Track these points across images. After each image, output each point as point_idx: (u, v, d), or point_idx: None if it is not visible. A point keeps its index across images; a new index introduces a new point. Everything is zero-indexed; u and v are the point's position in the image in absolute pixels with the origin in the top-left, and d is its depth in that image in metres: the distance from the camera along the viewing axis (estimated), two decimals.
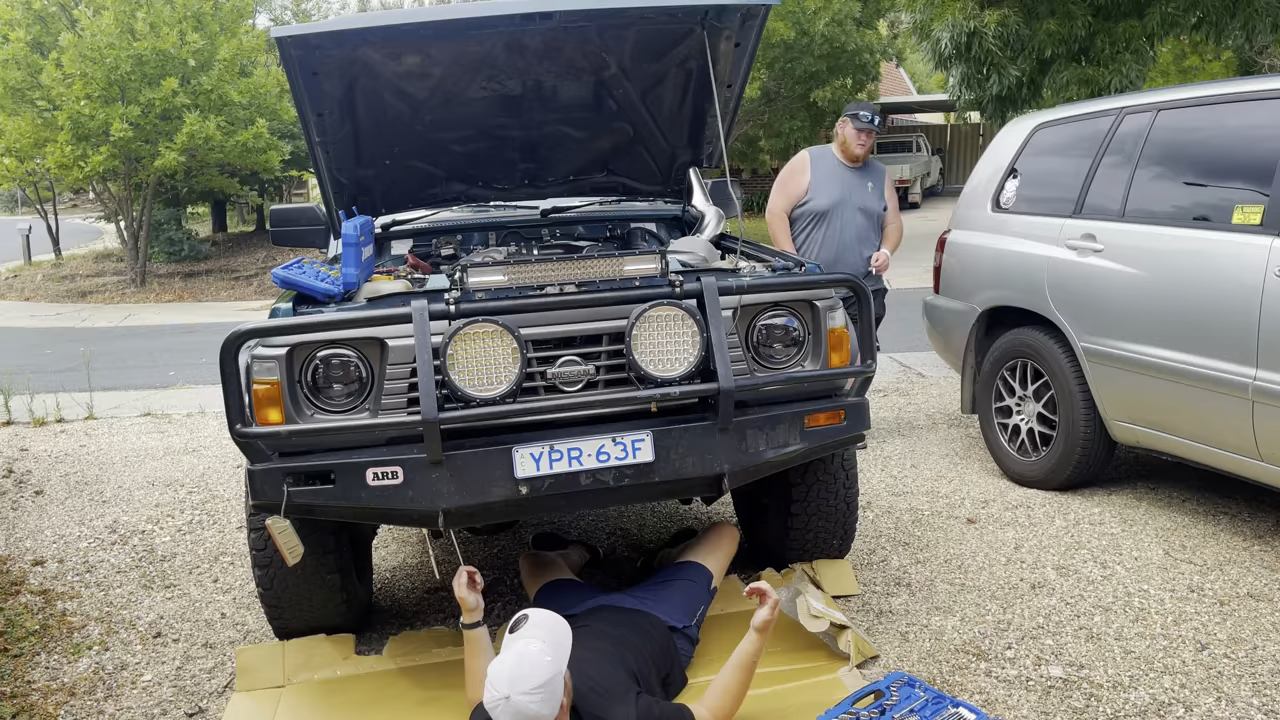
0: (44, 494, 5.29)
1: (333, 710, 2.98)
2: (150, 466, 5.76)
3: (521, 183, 4.19)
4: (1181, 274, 3.96)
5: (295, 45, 3.01)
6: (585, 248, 4.05)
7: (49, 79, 14.82)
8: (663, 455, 2.88)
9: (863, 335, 3.11)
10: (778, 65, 16.28)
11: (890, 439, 5.67)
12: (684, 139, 4.01)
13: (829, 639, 3.13)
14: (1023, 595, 3.57)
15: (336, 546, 3.17)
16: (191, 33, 15.34)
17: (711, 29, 3.39)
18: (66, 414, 7.13)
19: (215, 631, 3.59)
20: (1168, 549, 3.92)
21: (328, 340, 2.79)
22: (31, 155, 16.55)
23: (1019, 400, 4.83)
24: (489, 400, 2.74)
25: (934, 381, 7.19)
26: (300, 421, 2.77)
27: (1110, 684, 2.96)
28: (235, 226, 27.52)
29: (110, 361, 10.01)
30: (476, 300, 2.81)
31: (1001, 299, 4.89)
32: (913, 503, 4.59)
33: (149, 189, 17.43)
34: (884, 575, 3.80)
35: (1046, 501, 4.50)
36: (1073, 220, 4.54)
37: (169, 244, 20.66)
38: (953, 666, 3.10)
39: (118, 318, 14.64)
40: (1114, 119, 4.50)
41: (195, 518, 4.83)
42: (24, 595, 3.93)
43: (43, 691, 3.19)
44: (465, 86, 3.56)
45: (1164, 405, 4.06)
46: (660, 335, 2.85)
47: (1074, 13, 10.01)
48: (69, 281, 18.83)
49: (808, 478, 3.49)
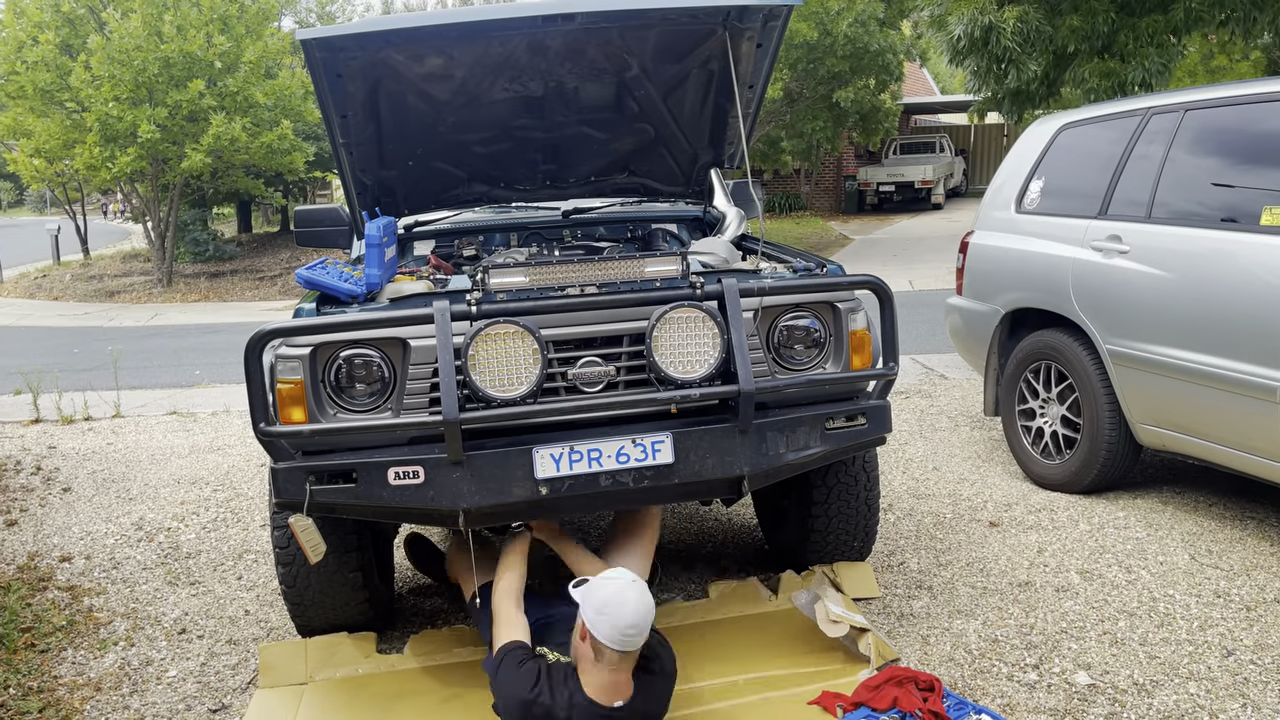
0: (71, 491, 5.36)
1: (354, 708, 3.00)
2: (176, 464, 5.82)
3: (543, 184, 4.20)
4: (1209, 276, 3.91)
5: (320, 47, 3.03)
6: (606, 249, 4.06)
7: (78, 81, 15.01)
8: (682, 457, 2.88)
9: (885, 338, 3.09)
10: (800, 66, 16.21)
11: (912, 441, 5.64)
12: (705, 140, 4.01)
13: (849, 642, 3.12)
14: (1046, 599, 3.54)
15: (359, 545, 3.20)
16: (218, 35, 15.49)
17: (733, 30, 3.38)
18: (94, 412, 7.22)
19: (239, 628, 3.63)
20: (1194, 554, 3.88)
21: (351, 340, 2.81)
22: (60, 156, 16.78)
23: (1042, 403, 4.79)
24: (510, 401, 2.75)
25: (956, 383, 7.14)
26: (323, 420, 2.80)
27: (1134, 689, 2.93)
28: (260, 227, 27.76)
29: (137, 360, 10.13)
30: (498, 301, 2.82)
31: (1025, 301, 4.85)
32: (934, 505, 4.57)
33: (175, 190, 17.62)
34: (905, 578, 3.78)
35: (1070, 505, 4.47)
36: (1098, 221, 4.50)
37: (195, 244, 20.88)
38: (974, 670, 3.08)
39: (144, 317, 14.80)
40: (1141, 119, 4.46)
41: (220, 515, 4.87)
42: (51, 591, 3.98)
43: (69, 686, 3.23)
44: (487, 88, 3.58)
45: (1190, 408, 4.01)
46: (681, 337, 2.85)
47: (1096, 8, 9.92)
48: (97, 281, 19.06)
49: (828, 480, 3.48)
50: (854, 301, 3.11)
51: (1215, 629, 3.27)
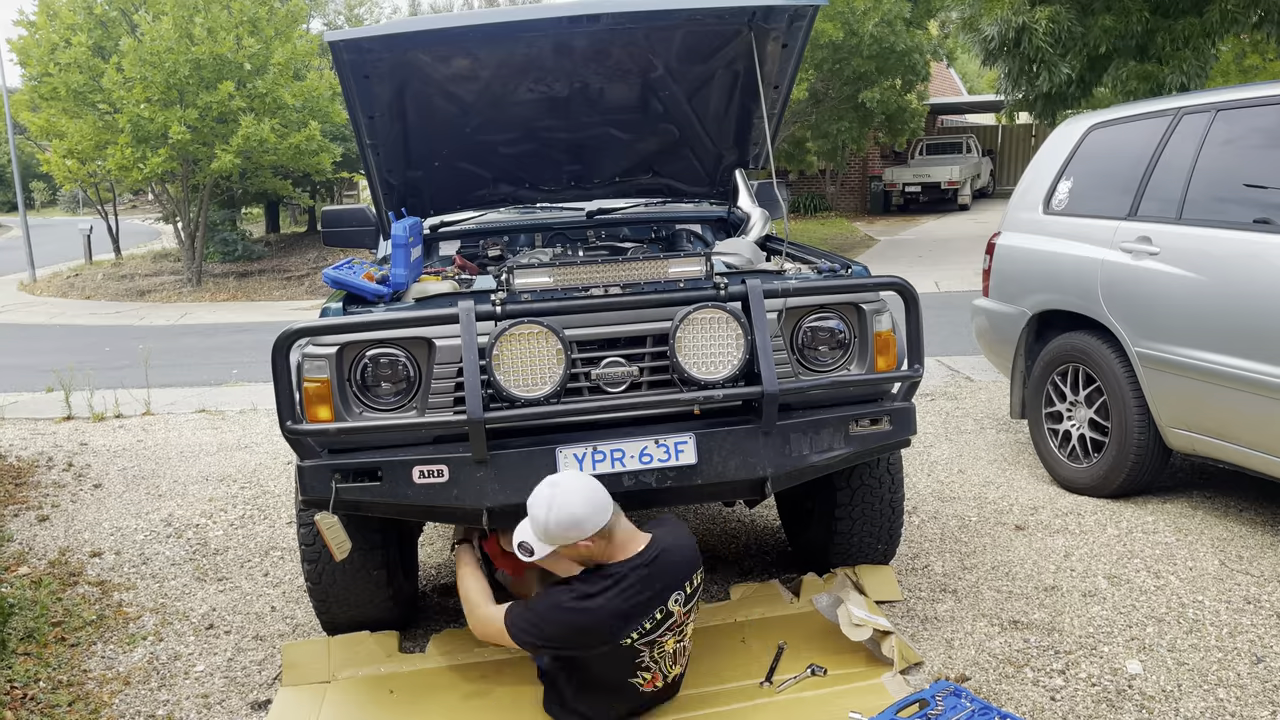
0: (102, 487, 5.43)
1: (377, 706, 3.02)
2: (204, 462, 5.89)
3: (568, 184, 4.22)
4: (1241, 277, 3.86)
5: (348, 49, 3.06)
6: (630, 249, 4.06)
7: (110, 82, 15.23)
8: (705, 458, 2.88)
9: (911, 339, 3.07)
10: (826, 66, 16.14)
11: (937, 443, 5.60)
12: (730, 140, 4.00)
13: (872, 645, 3.10)
14: (1073, 604, 3.50)
15: (383, 543, 3.22)
16: (247, 37, 15.67)
17: (759, 30, 3.38)
18: (125, 409, 7.32)
19: (265, 624, 3.66)
20: (1224, 559, 3.83)
21: (377, 340, 2.83)
22: (93, 157, 17.02)
23: (1070, 405, 4.74)
24: (533, 401, 2.76)
25: (982, 385, 7.09)
26: (349, 419, 2.82)
27: (1162, 695, 2.90)
28: (287, 227, 28.01)
29: (167, 359, 10.25)
30: (522, 302, 2.83)
31: (1052, 303, 4.81)
32: (959, 509, 4.54)
33: (205, 191, 17.82)
34: (929, 581, 3.76)
35: (1098, 509, 4.42)
36: (1127, 222, 4.45)
37: (224, 245, 21.12)
38: (999, 675, 3.05)
39: (174, 316, 14.98)
40: (1171, 119, 4.41)
41: (247, 512, 4.92)
42: (82, 586, 4.04)
43: (98, 680, 3.27)
44: (513, 89, 3.59)
45: (1221, 412, 3.96)
46: (704, 337, 2.85)
47: (1130, 8, 9.83)
48: (128, 281, 19.31)
49: (853, 481, 3.46)
50: (879, 303, 3.09)
51: (1245, 635, 3.23)
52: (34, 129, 17.68)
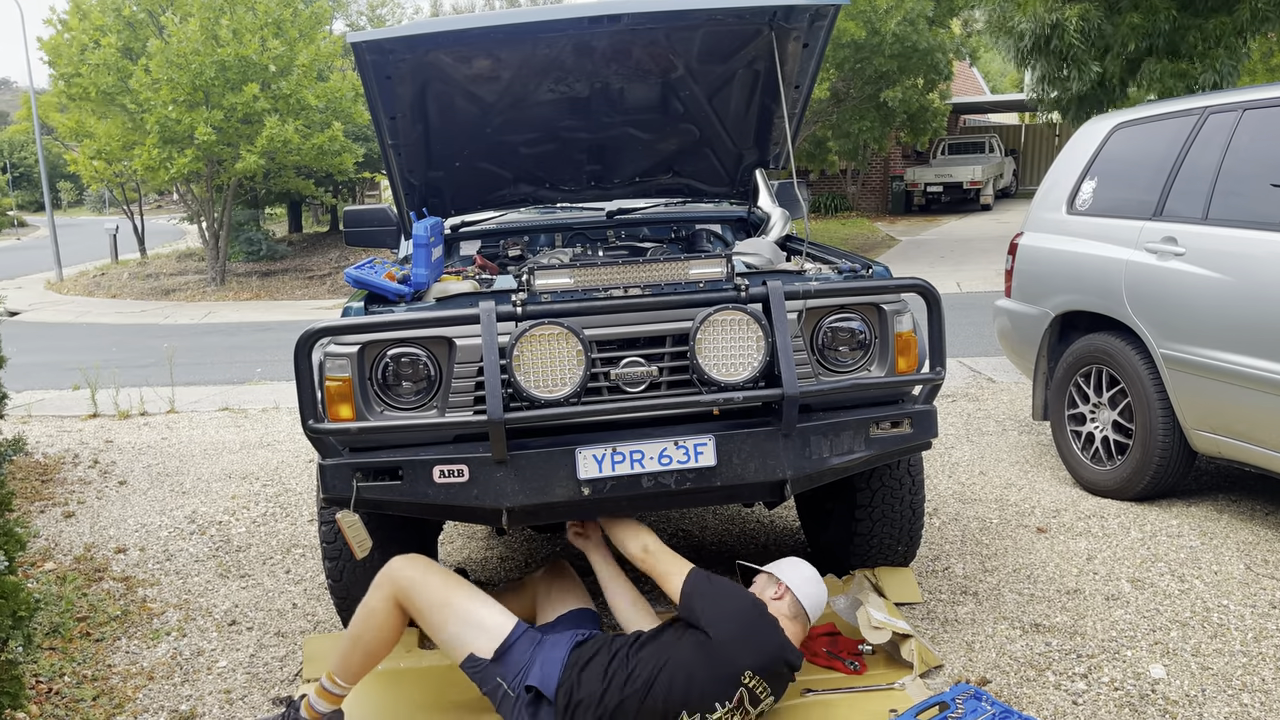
0: (127, 484, 5.49)
1: (396, 701, 3.03)
2: (227, 459, 5.94)
3: (588, 184, 4.22)
4: (1268, 278, 3.81)
5: (370, 50, 3.08)
6: (650, 249, 4.06)
7: (137, 83, 15.38)
8: (725, 460, 2.87)
9: (932, 341, 3.05)
10: (847, 65, 16.07)
11: (959, 445, 5.57)
12: (750, 140, 3.99)
13: (891, 647, 3.09)
14: (1095, 607, 3.47)
15: (403, 541, 3.23)
16: (272, 39, 15.79)
17: (779, 30, 3.37)
18: (149, 407, 7.40)
19: (287, 621, 3.69)
20: (1249, 563, 3.79)
21: (398, 339, 2.84)
22: (120, 157, 17.22)
23: (1093, 407, 4.70)
24: (553, 401, 2.77)
25: (1004, 387, 7.04)
26: (370, 418, 2.83)
27: (1186, 700, 2.87)
28: (310, 227, 28.22)
29: (191, 357, 10.35)
30: (543, 302, 2.84)
31: (1076, 303, 4.77)
32: (981, 511, 4.51)
33: (229, 191, 17.98)
34: (950, 583, 3.74)
35: (1121, 512, 4.38)
36: (1152, 223, 4.41)
37: (248, 244, 21.30)
38: (1020, 679, 3.03)
39: (198, 315, 15.12)
40: (1197, 119, 4.36)
41: (269, 510, 4.96)
42: (106, 582, 4.09)
43: (122, 675, 3.31)
44: (534, 89, 3.60)
45: (1248, 415, 3.91)
46: (725, 339, 2.84)
47: (1157, 6, 9.75)
48: (153, 280, 19.51)
49: (873, 483, 3.44)
50: (900, 304, 3.08)
51: (1271, 640, 3.19)
52: (63, 130, 17.91)
